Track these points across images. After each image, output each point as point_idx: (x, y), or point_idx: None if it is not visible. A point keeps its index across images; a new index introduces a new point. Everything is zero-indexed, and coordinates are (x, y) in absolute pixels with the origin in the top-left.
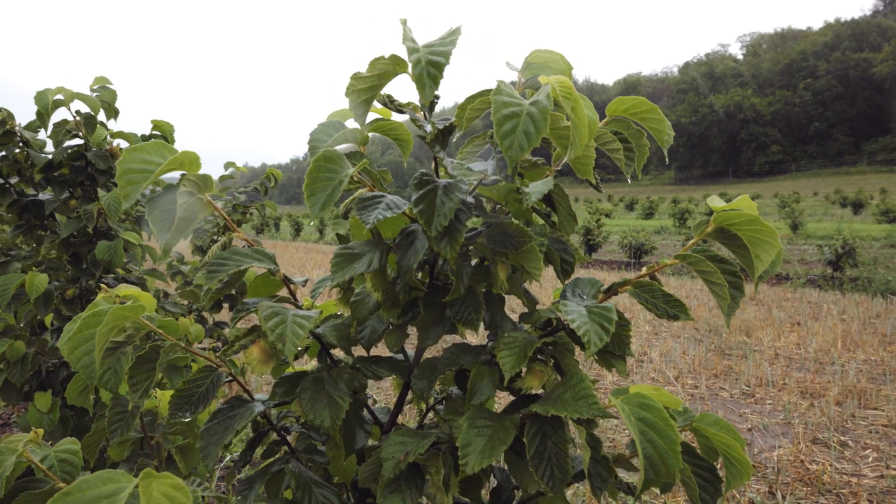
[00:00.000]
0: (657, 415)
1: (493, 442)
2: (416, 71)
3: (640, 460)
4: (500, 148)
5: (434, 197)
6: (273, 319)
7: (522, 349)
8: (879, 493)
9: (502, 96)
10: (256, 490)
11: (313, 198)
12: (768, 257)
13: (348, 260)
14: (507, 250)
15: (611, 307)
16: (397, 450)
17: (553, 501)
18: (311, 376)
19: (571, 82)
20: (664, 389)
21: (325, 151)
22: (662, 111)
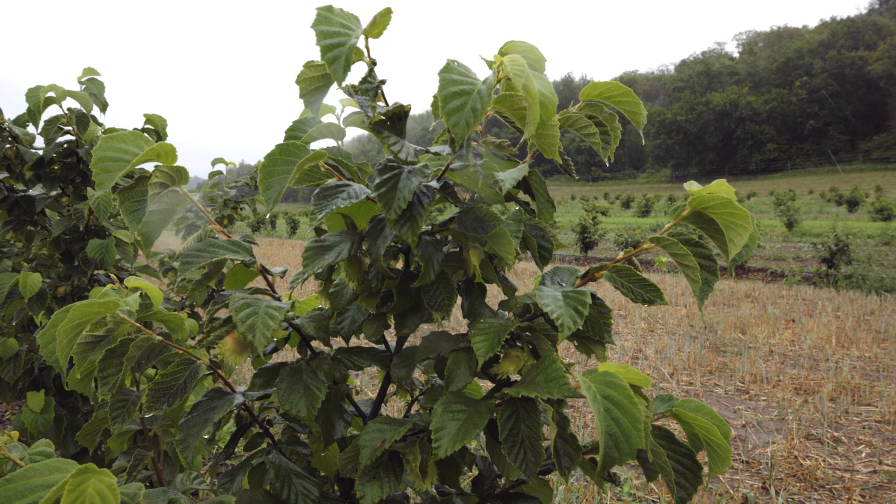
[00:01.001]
0: (622, 392)
1: (467, 426)
2: (330, 56)
3: (601, 437)
4: (447, 125)
5: (396, 181)
6: (244, 311)
7: (496, 334)
8: (872, 488)
9: (451, 74)
10: (238, 482)
11: (268, 191)
12: (741, 241)
13: (319, 252)
14: (478, 235)
15: (585, 291)
16: (375, 437)
17: (535, 488)
18: (289, 367)
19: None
20: (633, 367)
21: (281, 144)
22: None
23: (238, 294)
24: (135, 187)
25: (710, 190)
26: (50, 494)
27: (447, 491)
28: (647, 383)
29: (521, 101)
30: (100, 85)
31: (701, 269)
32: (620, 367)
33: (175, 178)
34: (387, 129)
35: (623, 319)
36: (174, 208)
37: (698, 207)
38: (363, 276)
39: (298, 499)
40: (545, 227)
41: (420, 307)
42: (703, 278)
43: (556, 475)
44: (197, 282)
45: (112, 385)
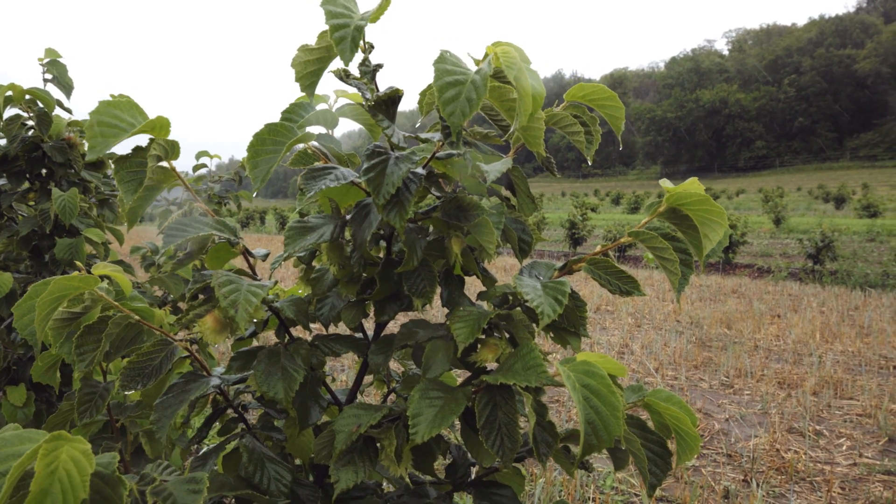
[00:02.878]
0: (601, 382)
1: (444, 412)
2: (337, 35)
3: (581, 425)
4: (442, 115)
5: (384, 167)
6: (227, 287)
7: (476, 321)
8: (852, 480)
9: (445, 64)
10: (210, 465)
11: (256, 170)
12: (716, 237)
13: (302, 233)
14: (460, 223)
15: (564, 281)
16: (350, 422)
17: (508, 475)
18: (268, 349)
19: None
20: (610, 357)
21: (270, 124)
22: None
23: (221, 272)
24: (132, 157)
25: (685, 187)
26: (23, 459)
27: (420, 479)
28: (624, 373)
29: (510, 92)
30: (62, 67)
31: (679, 263)
32: (598, 357)
33: (168, 153)
34: (381, 113)
35: (610, 315)
36: (160, 185)
37: (675, 204)
38: (345, 261)
39: (271, 483)
40: (525, 220)
41: (400, 295)
42: (682, 272)
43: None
44: (179, 260)
45: (89, 362)
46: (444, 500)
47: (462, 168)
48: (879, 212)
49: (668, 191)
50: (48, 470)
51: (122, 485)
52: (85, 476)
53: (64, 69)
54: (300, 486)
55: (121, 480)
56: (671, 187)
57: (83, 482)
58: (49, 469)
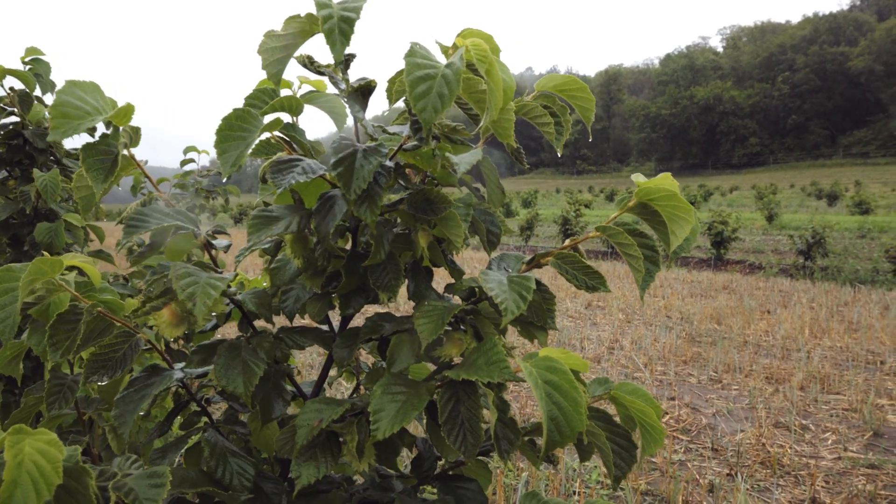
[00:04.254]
0: (563, 377)
1: (406, 408)
2: (328, 26)
3: (544, 421)
4: (413, 110)
5: (353, 160)
6: (185, 279)
7: (440, 317)
8: (836, 474)
9: (416, 58)
10: (170, 459)
11: (225, 155)
12: (683, 233)
13: (266, 222)
14: (427, 216)
15: (529, 276)
16: (312, 417)
17: (474, 469)
18: (228, 343)
19: (487, 46)
20: (573, 353)
21: (238, 109)
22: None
23: (179, 264)
24: (98, 145)
25: (656, 182)
26: None
27: (388, 473)
28: (586, 368)
29: (479, 84)
30: (45, 65)
31: (644, 260)
32: (561, 353)
33: (133, 139)
34: (357, 103)
35: (601, 310)
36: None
37: (644, 199)
38: (309, 253)
39: (233, 478)
40: (494, 212)
41: (366, 287)
42: (647, 268)
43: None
44: (140, 253)
45: (64, 350)
46: (409, 494)
47: (432, 160)
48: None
49: (638, 185)
50: (15, 461)
51: (88, 475)
52: (56, 464)
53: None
54: (265, 480)
55: (86, 471)
56: (641, 182)
57: (55, 469)
58: (16, 461)
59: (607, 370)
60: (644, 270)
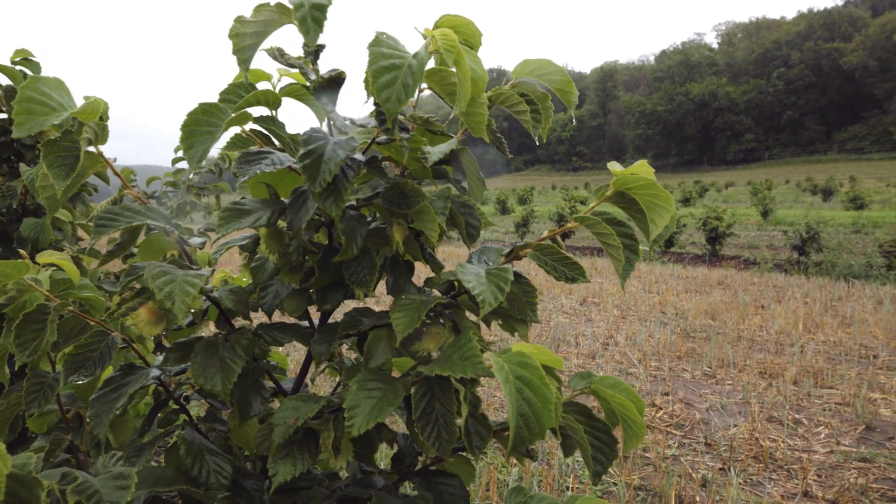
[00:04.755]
0: (535, 373)
1: (382, 404)
2: (300, 14)
3: (513, 417)
4: (377, 100)
5: (322, 153)
6: (162, 278)
7: (417, 311)
8: (828, 467)
9: (381, 48)
10: (145, 457)
11: (191, 150)
12: (662, 221)
13: (236, 216)
14: (401, 210)
15: (507, 268)
16: (289, 414)
17: (456, 464)
18: (205, 341)
19: (455, 37)
20: (546, 349)
21: (204, 103)
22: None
23: (154, 262)
24: (61, 141)
25: (633, 171)
26: None
27: (370, 469)
28: (560, 364)
29: (451, 76)
30: (35, 65)
31: (623, 249)
32: (534, 348)
33: (98, 136)
34: (326, 96)
35: (596, 306)
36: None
37: (622, 188)
38: (284, 248)
39: (210, 476)
40: (474, 204)
41: (343, 283)
42: (626, 258)
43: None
44: (109, 252)
45: (31, 350)
46: (389, 491)
47: (401, 152)
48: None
49: (615, 174)
50: None
51: (39, 486)
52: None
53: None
54: (246, 477)
55: (37, 482)
56: (619, 171)
57: None
58: None
59: (602, 366)
60: (623, 259)
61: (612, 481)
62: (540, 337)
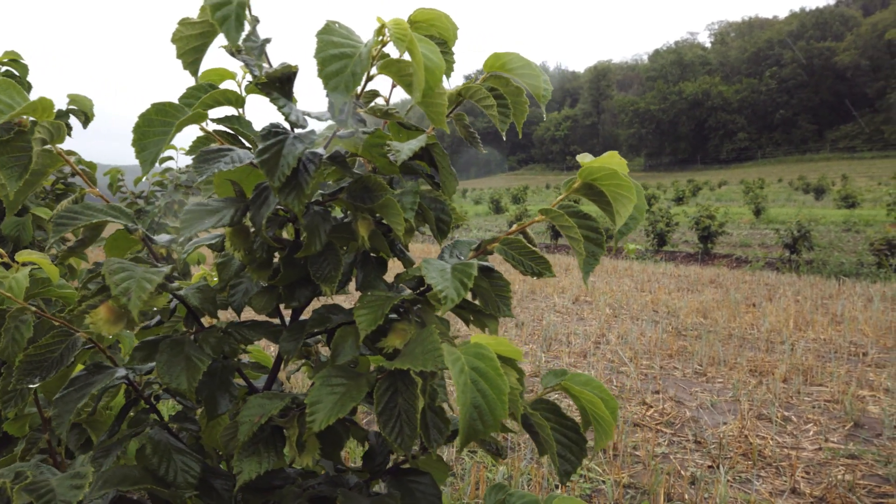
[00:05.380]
0: (490, 365)
1: (344, 400)
2: (221, 14)
3: (466, 409)
4: (326, 89)
5: (281, 147)
6: (119, 275)
7: (380, 307)
8: (816, 464)
9: (331, 36)
10: (113, 457)
11: (144, 153)
12: (626, 212)
13: (199, 216)
14: (364, 204)
15: (472, 263)
16: (255, 412)
17: (429, 462)
18: (171, 339)
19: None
20: (504, 339)
21: (157, 103)
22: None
23: (113, 259)
24: (14, 141)
25: (600, 162)
26: None
27: (345, 467)
28: (520, 356)
29: (410, 66)
30: (23, 67)
31: (587, 242)
32: (492, 340)
33: (53, 136)
34: (275, 91)
35: (588, 305)
36: (45, 170)
37: (588, 179)
38: (249, 246)
39: (178, 475)
40: (445, 199)
41: (309, 279)
42: (588, 251)
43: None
44: (70, 248)
45: None
46: (360, 489)
47: (372, 148)
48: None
49: (582, 165)
50: None
51: None
52: None
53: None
54: (215, 476)
55: None
56: (586, 162)
57: None
58: None
59: (593, 364)
60: (586, 253)
61: (602, 479)
62: (532, 336)
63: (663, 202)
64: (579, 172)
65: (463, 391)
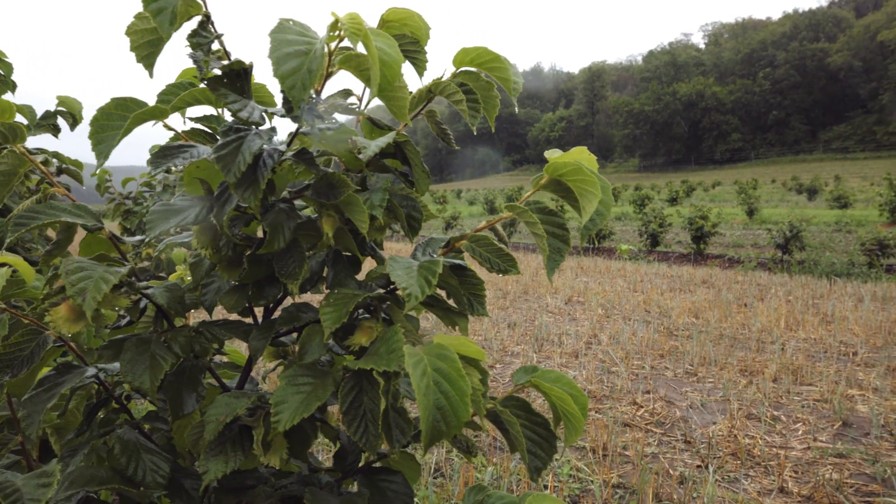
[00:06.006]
0: (452, 365)
1: (310, 399)
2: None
3: (426, 411)
4: (283, 88)
5: (240, 144)
6: (77, 274)
7: (345, 305)
8: (804, 463)
9: (285, 34)
10: (80, 457)
11: (99, 146)
12: (591, 207)
13: (165, 215)
14: (328, 200)
15: (437, 261)
16: (221, 411)
17: (401, 462)
18: (137, 338)
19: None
20: (469, 340)
21: (116, 98)
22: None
23: (73, 258)
24: None
25: (566, 157)
26: None
27: (319, 467)
28: (483, 356)
29: (368, 61)
30: (7, 66)
31: (551, 238)
32: (454, 340)
33: (9, 137)
34: (223, 87)
35: (581, 305)
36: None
37: (555, 175)
38: (216, 244)
39: (147, 475)
40: (416, 197)
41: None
42: (553, 247)
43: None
44: (47, 252)
45: None
46: (331, 489)
47: (339, 143)
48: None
49: (549, 160)
50: None
51: None
52: None
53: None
54: (186, 476)
55: None
56: (553, 157)
57: None
58: None
59: (584, 365)
60: (549, 249)
61: (591, 479)
62: (524, 336)
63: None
64: (546, 168)
65: (425, 394)
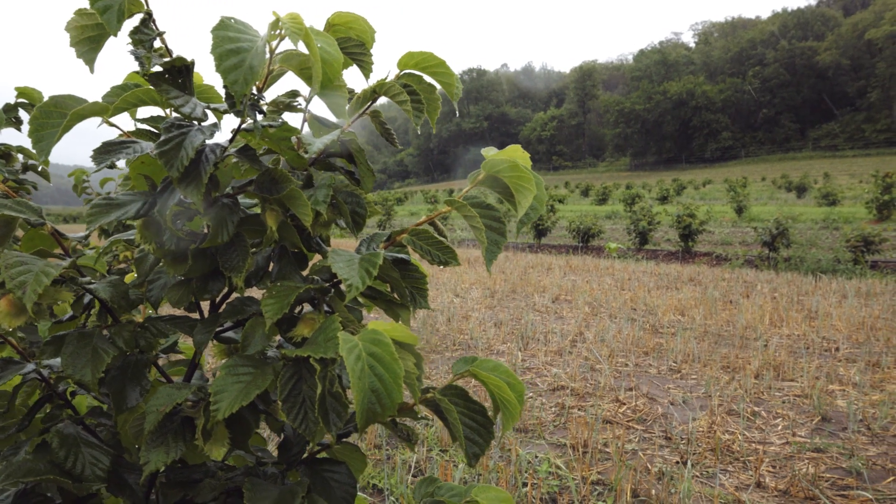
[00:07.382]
0: (386, 350)
1: (249, 388)
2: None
3: (360, 393)
4: (225, 84)
5: (183, 139)
6: (17, 268)
7: (286, 296)
8: (782, 458)
9: (226, 31)
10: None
11: (40, 143)
12: (526, 202)
13: (105, 210)
14: (271, 195)
15: (378, 253)
16: (161, 402)
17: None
18: (79, 332)
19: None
20: (401, 325)
21: (54, 96)
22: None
23: (12, 252)
24: None
25: (502, 154)
26: None
27: (269, 459)
28: (415, 341)
29: (310, 60)
30: None
31: (489, 230)
32: (388, 326)
33: None
34: (166, 83)
35: (568, 304)
36: None
37: (492, 172)
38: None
39: (86, 468)
40: (360, 193)
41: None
42: (491, 239)
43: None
44: None
45: None
46: (274, 480)
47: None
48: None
49: (486, 158)
50: None
51: None
52: None
53: None
54: (130, 471)
55: None
56: (490, 155)
57: None
58: None
59: (569, 362)
60: (488, 241)
61: (572, 476)
62: (511, 335)
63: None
64: (483, 164)
65: (360, 377)
